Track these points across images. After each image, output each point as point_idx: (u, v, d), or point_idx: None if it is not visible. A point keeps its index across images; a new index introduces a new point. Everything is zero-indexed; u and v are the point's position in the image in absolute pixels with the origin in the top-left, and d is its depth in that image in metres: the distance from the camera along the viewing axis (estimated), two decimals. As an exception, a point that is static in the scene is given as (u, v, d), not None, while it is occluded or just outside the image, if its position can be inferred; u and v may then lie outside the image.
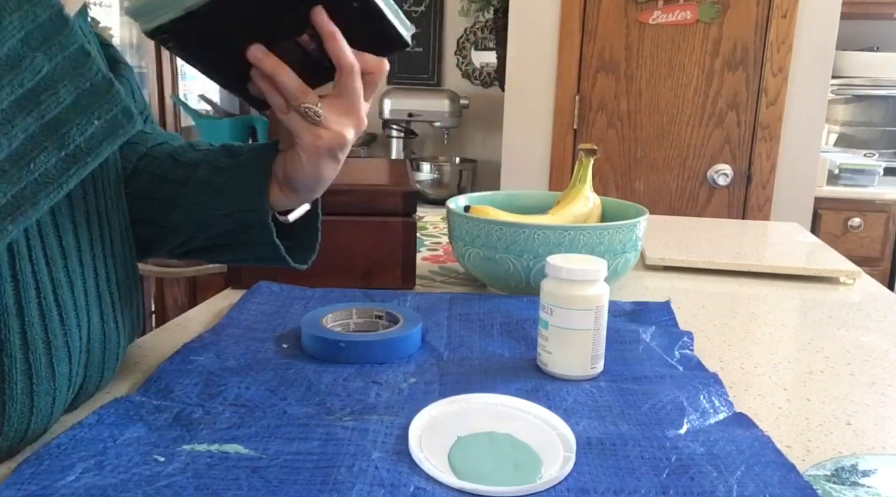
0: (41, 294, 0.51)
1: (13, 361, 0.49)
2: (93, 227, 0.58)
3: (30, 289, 0.50)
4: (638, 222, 0.91)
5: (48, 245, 0.52)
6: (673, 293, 0.98)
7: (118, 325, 0.61)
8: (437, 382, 0.65)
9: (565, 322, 0.65)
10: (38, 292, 0.51)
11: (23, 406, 0.50)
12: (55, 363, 0.52)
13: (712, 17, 2.12)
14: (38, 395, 0.51)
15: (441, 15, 2.86)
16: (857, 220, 2.35)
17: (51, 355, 0.52)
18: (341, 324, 0.77)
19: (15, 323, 0.49)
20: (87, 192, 0.58)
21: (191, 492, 0.46)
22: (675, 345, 0.74)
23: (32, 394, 0.51)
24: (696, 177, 2.22)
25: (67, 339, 0.53)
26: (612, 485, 0.48)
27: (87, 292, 0.56)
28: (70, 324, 0.54)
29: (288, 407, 0.59)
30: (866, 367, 0.74)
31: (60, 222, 0.54)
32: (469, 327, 0.79)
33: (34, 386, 0.51)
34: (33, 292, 0.50)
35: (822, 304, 0.97)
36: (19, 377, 0.50)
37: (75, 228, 0.56)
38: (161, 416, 0.57)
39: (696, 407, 0.60)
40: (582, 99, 2.23)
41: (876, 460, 0.54)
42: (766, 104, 2.13)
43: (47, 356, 0.51)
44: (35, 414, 0.51)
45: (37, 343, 0.50)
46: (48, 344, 0.51)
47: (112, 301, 0.60)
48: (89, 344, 0.57)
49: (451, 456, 0.51)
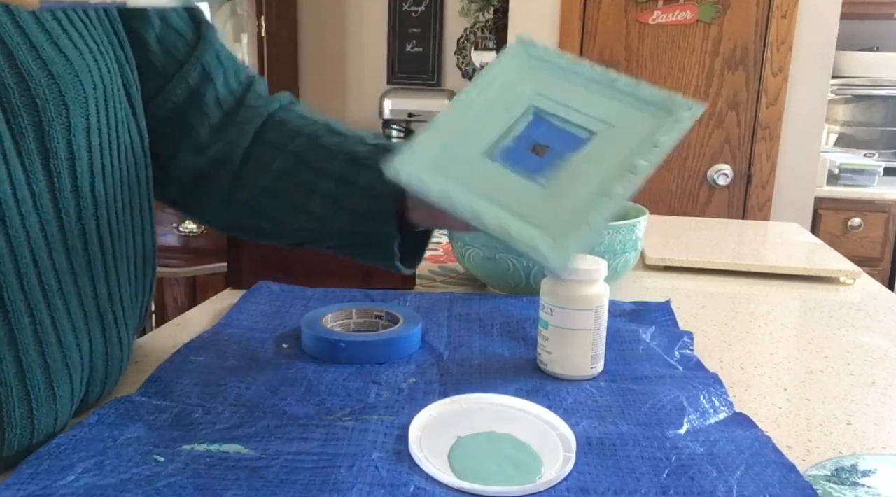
0: (37, 320, 0.50)
1: (9, 389, 0.48)
2: (92, 248, 0.55)
3: (22, 316, 0.49)
4: (638, 222, 0.91)
5: (43, 271, 0.50)
6: (673, 293, 0.98)
7: (121, 340, 0.60)
8: (437, 382, 0.65)
9: (565, 322, 0.65)
10: (34, 319, 0.50)
11: (23, 430, 0.50)
12: (55, 386, 0.51)
13: (712, 17, 2.12)
14: (38, 418, 0.51)
15: (441, 15, 2.85)
16: (857, 220, 2.35)
17: (50, 379, 0.51)
18: (341, 324, 0.77)
19: (8, 352, 0.48)
20: (85, 215, 0.54)
21: (191, 492, 0.46)
22: (675, 345, 0.74)
23: (33, 418, 0.50)
24: (696, 177, 2.22)
25: (67, 361, 0.52)
26: (612, 485, 0.48)
27: (87, 313, 0.55)
28: (69, 345, 0.53)
29: (288, 407, 0.59)
30: (866, 367, 0.74)
31: (54, 247, 0.52)
32: (469, 327, 0.79)
33: (34, 410, 0.50)
34: (27, 319, 0.49)
35: (822, 304, 0.97)
36: (17, 403, 0.49)
37: (68, 252, 0.53)
38: (161, 416, 0.57)
39: (696, 407, 0.60)
40: (582, 99, 2.22)
41: (876, 460, 0.54)
42: (766, 104, 2.13)
43: (46, 380, 0.51)
44: (36, 435, 0.51)
45: (34, 369, 0.50)
46: (46, 368, 0.51)
47: (115, 318, 0.58)
48: (92, 362, 0.56)
49: (451, 456, 0.51)
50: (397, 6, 2.86)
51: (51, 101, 0.50)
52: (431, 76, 2.88)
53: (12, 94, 0.48)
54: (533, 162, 0.54)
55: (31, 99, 0.49)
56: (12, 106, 0.48)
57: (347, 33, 2.93)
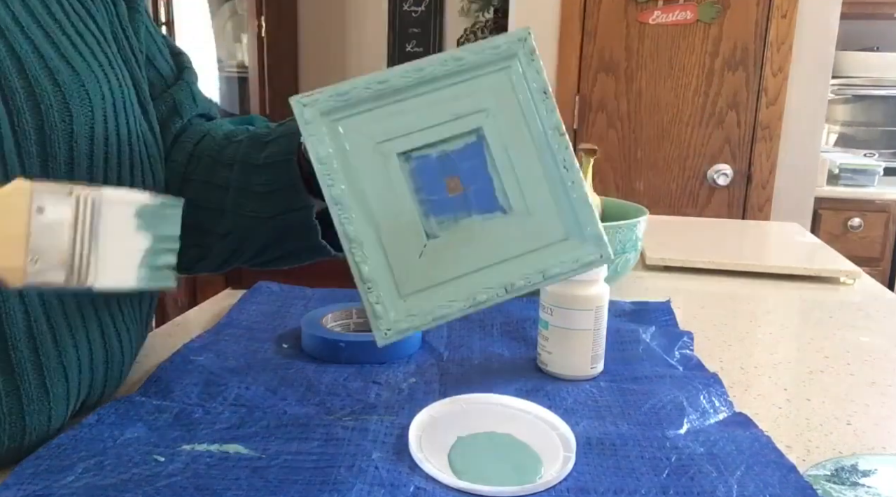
0: (31, 317, 0.50)
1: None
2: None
3: (15, 312, 0.49)
4: (638, 222, 0.91)
5: None
6: (673, 293, 0.98)
7: (122, 344, 0.60)
8: (437, 382, 0.65)
9: (565, 322, 0.65)
10: (28, 316, 0.50)
11: (13, 426, 0.50)
12: (49, 383, 0.51)
13: (712, 17, 2.12)
14: (29, 414, 0.51)
15: (441, 15, 2.86)
16: (857, 220, 2.35)
17: (43, 376, 0.51)
18: (341, 324, 0.77)
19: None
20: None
21: (191, 492, 0.46)
22: (675, 345, 0.73)
23: (23, 414, 0.50)
24: (696, 177, 2.22)
25: (63, 360, 0.53)
26: (612, 485, 0.48)
27: (85, 315, 0.55)
28: (65, 344, 0.53)
29: (288, 407, 0.59)
30: (866, 367, 0.74)
31: None
32: (469, 327, 0.79)
33: (24, 406, 0.50)
34: (21, 316, 0.49)
35: (822, 304, 0.97)
36: (4, 398, 0.49)
37: None
38: (161, 416, 0.57)
39: (696, 407, 0.60)
40: (582, 99, 2.23)
41: (876, 460, 0.54)
42: (766, 104, 2.13)
43: (38, 377, 0.51)
44: (28, 434, 0.51)
45: (24, 365, 0.50)
46: (39, 365, 0.51)
47: (114, 322, 0.59)
48: (92, 363, 0.56)
49: (451, 456, 0.51)
50: (397, 6, 2.86)
51: (55, 107, 0.52)
52: (431, 76, 2.88)
53: (18, 97, 0.50)
54: (439, 195, 0.51)
55: (35, 103, 0.51)
56: (18, 107, 0.50)
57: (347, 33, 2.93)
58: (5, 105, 0.49)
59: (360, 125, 0.50)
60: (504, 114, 0.51)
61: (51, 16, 0.55)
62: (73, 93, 0.53)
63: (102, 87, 0.56)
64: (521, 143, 0.51)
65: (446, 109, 0.51)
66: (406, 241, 0.50)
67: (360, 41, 2.93)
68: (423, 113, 0.50)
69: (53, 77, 0.52)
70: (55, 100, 0.52)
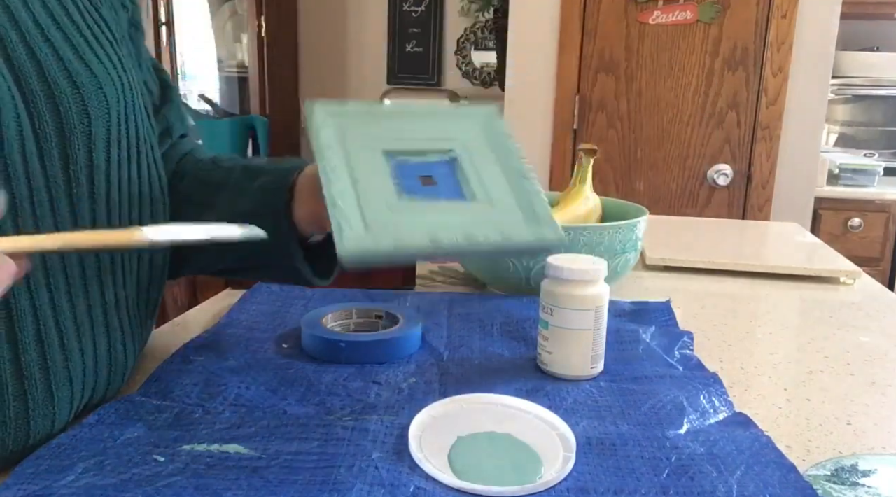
0: (40, 321, 0.50)
1: (5, 387, 0.49)
2: (102, 256, 0.56)
3: (26, 315, 0.49)
4: (638, 222, 0.91)
5: (52, 273, 0.51)
6: (673, 293, 0.98)
7: (126, 348, 0.60)
8: (437, 382, 0.65)
9: (565, 322, 0.65)
10: (37, 319, 0.50)
11: (18, 430, 0.50)
12: (54, 388, 0.52)
13: (712, 17, 2.12)
14: (34, 419, 0.51)
15: (441, 15, 2.86)
16: (857, 220, 2.35)
17: (49, 380, 0.51)
18: (341, 324, 0.77)
19: (7, 350, 0.48)
20: (99, 223, 0.55)
21: (191, 492, 0.46)
22: (675, 345, 0.74)
23: (28, 418, 0.50)
24: (696, 177, 2.22)
25: (69, 364, 0.53)
26: (612, 485, 0.48)
27: (94, 320, 0.55)
28: (71, 349, 0.53)
29: (288, 407, 0.59)
30: (866, 367, 0.74)
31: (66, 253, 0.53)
32: (469, 327, 0.79)
33: (30, 410, 0.50)
34: (30, 319, 0.50)
35: (822, 304, 0.97)
36: (13, 402, 0.49)
37: (80, 257, 0.54)
38: (161, 416, 0.57)
39: (696, 407, 0.60)
40: (582, 99, 2.23)
41: (876, 460, 0.54)
42: (766, 104, 2.13)
43: (45, 381, 0.51)
44: (32, 436, 0.51)
45: (32, 369, 0.50)
46: (46, 369, 0.51)
47: (121, 326, 0.59)
48: (96, 367, 0.56)
49: (451, 456, 0.51)
50: (397, 6, 2.86)
51: (73, 109, 0.52)
52: (431, 76, 2.88)
53: (39, 100, 0.50)
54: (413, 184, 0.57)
55: (55, 106, 0.51)
56: (38, 110, 0.50)
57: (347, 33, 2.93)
58: (26, 108, 0.49)
59: (356, 125, 0.60)
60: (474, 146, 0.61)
61: (68, 17, 0.55)
62: (92, 95, 0.54)
63: (117, 90, 0.57)
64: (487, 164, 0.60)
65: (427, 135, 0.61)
66: (379, 196, 0.55)
67: (360, 41, 2.93)
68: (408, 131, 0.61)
69: (72, 79, 0.53)
70: (74, 102, 0.52)
